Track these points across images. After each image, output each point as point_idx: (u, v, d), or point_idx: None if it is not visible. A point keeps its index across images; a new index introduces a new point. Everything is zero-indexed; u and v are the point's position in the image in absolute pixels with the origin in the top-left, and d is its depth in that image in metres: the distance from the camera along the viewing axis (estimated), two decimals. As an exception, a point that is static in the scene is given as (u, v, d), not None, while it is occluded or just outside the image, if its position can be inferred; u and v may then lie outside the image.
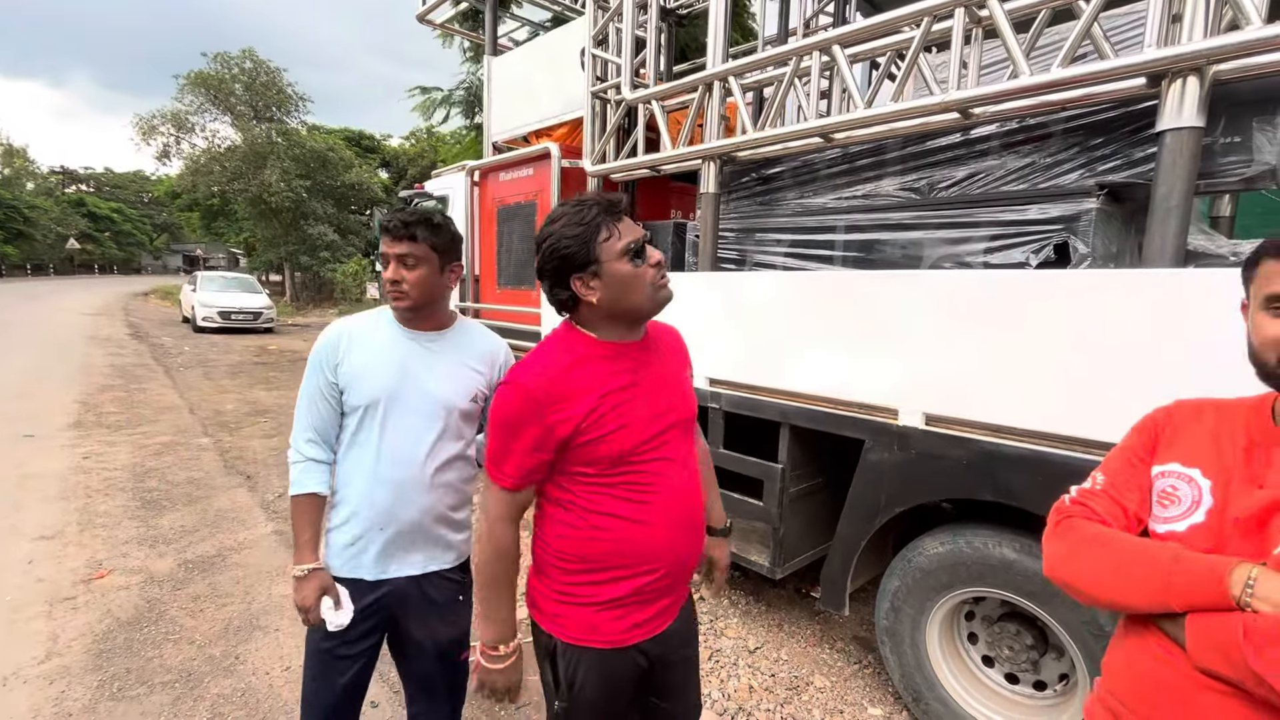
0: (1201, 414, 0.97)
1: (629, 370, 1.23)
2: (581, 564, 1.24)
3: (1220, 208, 3.16)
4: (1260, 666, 0.70)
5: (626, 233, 1.17)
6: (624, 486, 1.21)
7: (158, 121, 21.08)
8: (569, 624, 1.26)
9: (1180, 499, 0.90)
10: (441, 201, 5.35)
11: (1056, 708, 2.11)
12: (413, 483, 1.52)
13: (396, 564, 1.55)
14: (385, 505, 1.50)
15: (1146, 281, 1.73)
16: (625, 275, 1.17)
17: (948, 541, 2.20)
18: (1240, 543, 0.83)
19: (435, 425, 1.53)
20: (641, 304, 1.21)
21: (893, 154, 2.76)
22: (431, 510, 1.56)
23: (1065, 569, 0.93)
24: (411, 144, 29.73)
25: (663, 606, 1.30)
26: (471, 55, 15.54)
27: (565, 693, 1.28)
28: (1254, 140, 1.90)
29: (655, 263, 1.19)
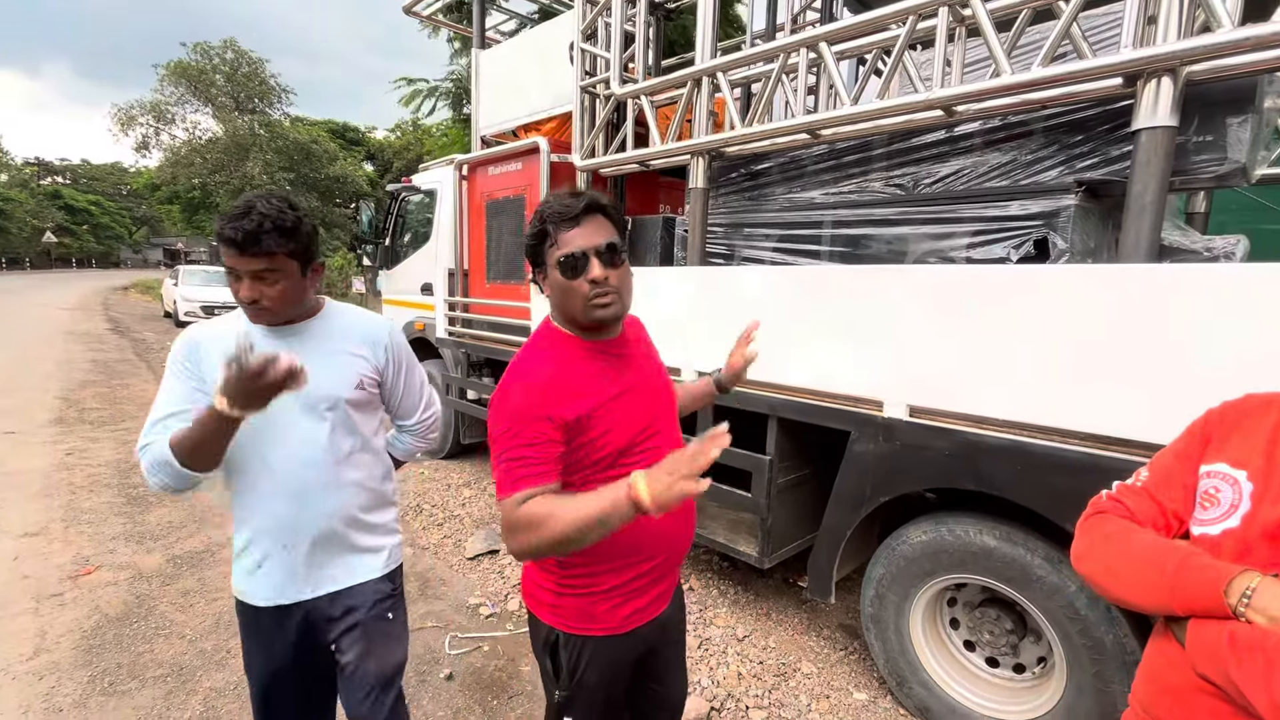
0: (1267, 410, 0.91)
1: (615, 371, 1.23)
2: (579, 556, 1.22)
3: (1195, 204, 3.24)
4: (1238, 676, 0.71)
5: (570, 242, 1.14)
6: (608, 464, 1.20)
7: (136, 112, 20.69)
8: (568, 614, 1.28)
9: (1220, 501, 0.86)
10: (429, 195, 5.33)
11: (1035, 689, 2.18)
12: (315, 488, 1.39)
13: (312, 583, 1.42)
14: (287, 519, 1.38)
15: (1122, 276, 1.78)
16: (560, 285, 1.17)
17: (930, 530, 2.26)
18: (1265, 551, 0.80)
19: (324, 422, 1.40)
20: (576, 316, 1.19)
21: (878, 150, 2.80)
22: (341, 514, 1.44)
23: (1085, 563, 0.93)
24: (397, 137, 29.41)
25: (658, 593, 1.33)
26: (459, 48, 15.40)
27: (567, 681, 1.30)
28: (1225, 139, 1.96)
29: (592, 279, 1.13)
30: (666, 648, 1.46)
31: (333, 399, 1.41)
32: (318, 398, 1.39)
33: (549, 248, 1.17)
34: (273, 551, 1.39)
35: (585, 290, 1.14)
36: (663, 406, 1.33)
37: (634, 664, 1.37)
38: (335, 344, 1.44)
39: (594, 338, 1.24)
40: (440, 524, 4.09)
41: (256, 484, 1.37)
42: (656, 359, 1.41)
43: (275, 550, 1.39)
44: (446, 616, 3.00)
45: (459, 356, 4.89)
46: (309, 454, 1.39)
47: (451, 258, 4.96)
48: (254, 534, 1.39)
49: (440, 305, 5.05)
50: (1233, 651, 0.72)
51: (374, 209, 6.18)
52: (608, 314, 1.17)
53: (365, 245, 6.39)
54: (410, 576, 3.38)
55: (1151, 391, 1.68)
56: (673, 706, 1.54)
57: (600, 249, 1.14)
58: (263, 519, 1.38)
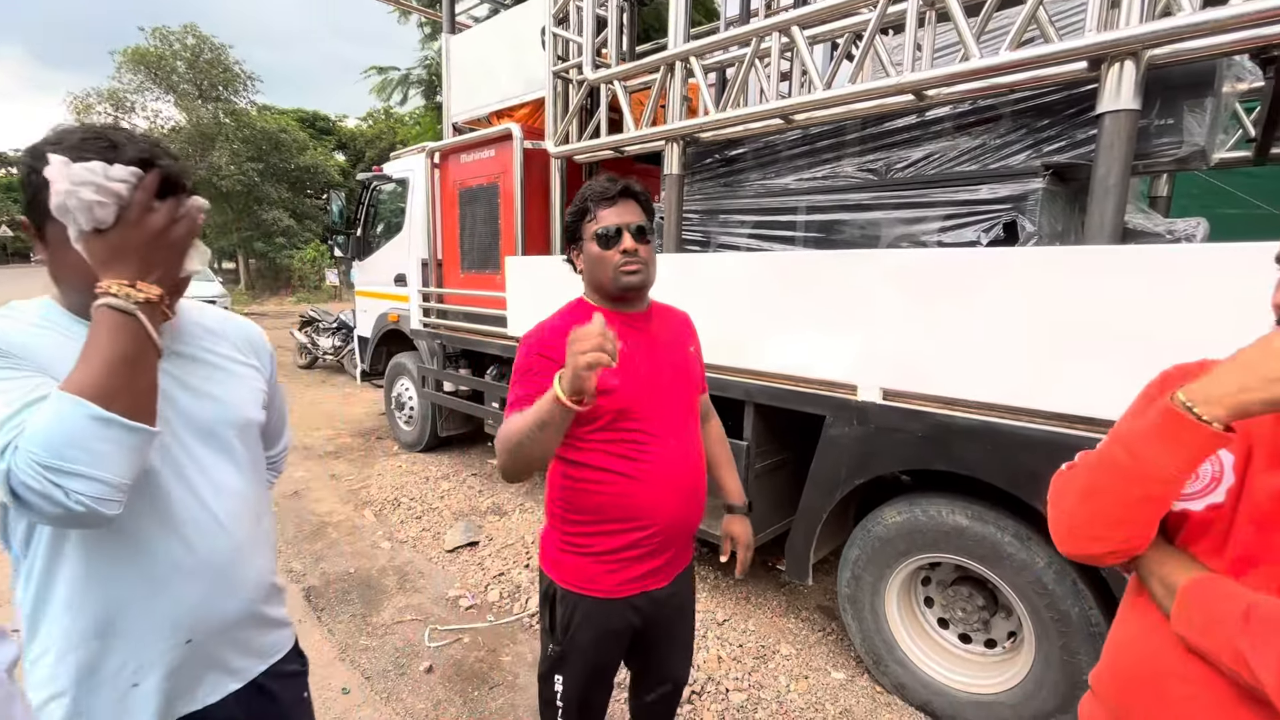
0: None
1: (627, 338, 1.32)
2: (580, 514, 1.37)
3: (1158, 188, 3.31)
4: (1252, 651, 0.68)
5: (607, 218, 1.32)
6: (621, 444, 1.32)
7: (93, 100, 19.93)
8: (568, 571, 1.40)
9: (1199, 474, 0.81)
10: (401, 184, 5.23)
11: (1005, 663, 2.24)
12: (239, 553, 0.99)
13: (208, 686, 1.00)
14: (190, 608, 0.94)
15: (1087, 258, 1.81)
16: (594, 255, 1.34)
17: (905, 511, 2.30)
18: (1248, 530, 0.77)
19: (233, 456, 1.01)
20: (605, 283, 1.35)
21: (851, 135, 2.81)
22: (262, 583, 1.06)
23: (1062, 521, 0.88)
24: (369, 125, 28.82)
25: (656, 565, 1.40)
26: (429, 33, 15.09)
27: (560, 636, 1.41)
28: (1185, 122, 2.00)
29: (623, 249, 1.31)
30: (669, 628, 1.52)
31: (241, 422, 1.03)
32: (221, 422, 0.99)
33: (587, 222, 1.35)
34: (158, 658, 0.92)
35: (616, 259, 1.31)
36: (671, 393, 1.39)
37: (629, 633, 1.44)
38: (220, 348, 1.05)
39: (619, 308, 1.38)
40: (418, 517, 4.06)
41: (144, 562, 0.90)
42: (684, 353, 1.48)
43: (165, 654, 0.93)
44: (426, 609, 2.98)
45: (434, 348, 4.83)
46: (230, 506, 0.99)
47: (425, 248, 4.88)
48: (129, 640, 0.90)
49: (414, 296, 4.97)
50: (1247, 625, 0.68)
51: (344, 199, 6.05)
52: (635, 280, 1.33)
53: (336, 236, 6.26)
54: (389, 570, 3.35)
55: (1116, 370, 1.72)
56: (668, 679, 1.61)
57: (632, 226, 1.33)
58: (148, 615, 0.91)
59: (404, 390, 5.46)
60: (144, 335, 0.79)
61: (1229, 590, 0.73)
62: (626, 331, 1.33)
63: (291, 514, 4.08)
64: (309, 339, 9.27)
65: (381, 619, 2.90)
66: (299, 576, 3.26)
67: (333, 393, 7.92)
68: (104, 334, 0.76)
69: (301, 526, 3.89)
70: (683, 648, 1.62)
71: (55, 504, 0.71)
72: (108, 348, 0.76)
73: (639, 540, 1.35)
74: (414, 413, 5.35)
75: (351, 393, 7.82)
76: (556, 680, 1.44)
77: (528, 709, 2.32)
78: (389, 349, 5.75)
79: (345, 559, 3.47)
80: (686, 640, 1.63)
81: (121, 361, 0.77)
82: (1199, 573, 0.77)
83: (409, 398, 5.39)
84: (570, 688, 1.44)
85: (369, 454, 5.42)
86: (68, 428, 0.72)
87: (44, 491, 0.71)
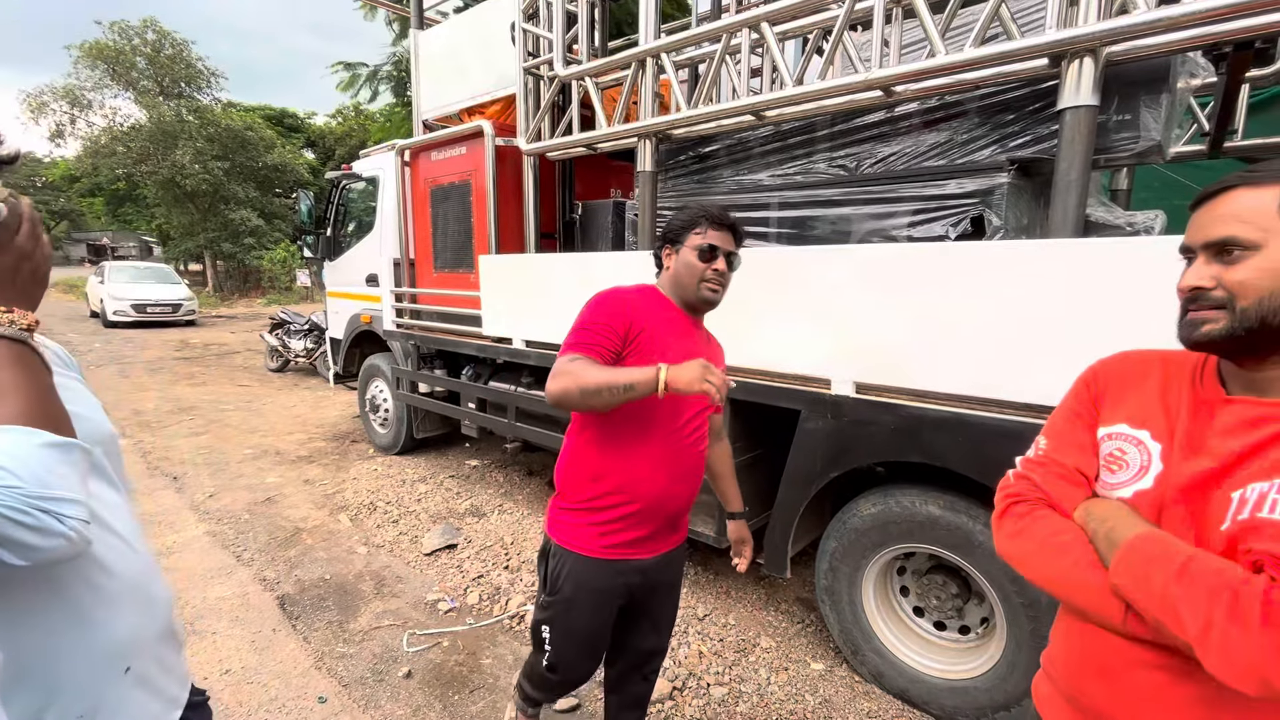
0: (1149, 367, 0.92)
1: (679, 329, 1.53)
2: (581, 476, 1.54)
3: (1119, 181, 3.40)
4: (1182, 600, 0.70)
5: (714, 238, 1.49)
6: (630, 419, 1.46)
7: (48, 98, 19.25)
8: (562, 529, 1.57)
9: (1128, 463, 0.87)
10: (371, 183, 5.14)
11: (978, 648, 2.29)
12: (149, 568, 0.95)
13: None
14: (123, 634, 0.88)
15: (1050, 251, 1.85)
16: (689, 261, 1.51)
17: (879, 503, 2.33)
18: (1178, 514, 0.81)
19: (109, 474, 0.93)
20: (688, 288, 1.53)
21: (822, 131, 2.83)
22: (168, 598, 1.00)
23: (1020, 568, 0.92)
24: (339, 122, 28.26)
25: (641, 535, 1.54)
26: (398, 29, 14.83)
27: (550, 587, 1.59)
28: (1142, 118, 2.05)
29: (716, 268, 1.49)
30: (655, 601, 1.68)
31: (107, 437, 0.95)
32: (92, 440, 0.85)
33: (695, 233, 1.50)
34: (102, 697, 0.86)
35: (707, 274, 1.49)
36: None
37: (614, 599, 1.58)
38: (57, 365, 0.91)
39: (684, 309, 1.56)
40: (395, 521, 4.00)
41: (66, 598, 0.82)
42: (716, 362, 1.63)
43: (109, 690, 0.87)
44: (404, 614, 2.94)
45: (408, 349, 4.76)
46: (127, 523, 0.92)
47: (397, 247, 4.81)
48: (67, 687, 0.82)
49: (387, 297, 4.89)
50: (1183, 575, 0.71)
51: (313, 198, 5.92)
52: (714, 297, 1.53)
53: (306, 236, 6.13)
54: (365, 576, 3.30)
55: (1078, 360, 1.75)
56: (650, 650, 1.77)
57: (730, 253, 1.52)
58: (82, 653, 0.83)
59: (378, 392, 5.38)
60: (40, 360, 0.77)
61: (1173, 545, 0.75)
62: (682, 327, 1.54)
63: (264, 521, 3.99)
64: (280, 342, 9.07)
65: (359, 625, 2.85)
66: (272, 585, 3.19)
67: (305, 396, 7.77)
68: (8, 366, 0.73)
69: (275, 534, 3.81)
70: (667, 624, 1.78)
71: (52, 534, 0.68)
72: (19, 376, 0.74)
73: (625, 511, 1.51)
74: (389, 415, 5.27)
75: (324, 396, 7.68)
76: (543, 630, 1.62)
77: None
78: (362, 350, 5.66)
79: (320, 565, 3.41)
80: (670, 617, 1.79)
81: (38, 388, 0.75)
82: (1148, 529, 0.79)
83: (383, 400, 5.31)
84: (557, 638, 1.60)
85: (343, 458, 5.33)
86: (38, 457, 0.69)
87: (38, 524, 0.67)
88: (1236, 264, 0.77)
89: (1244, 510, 0.74)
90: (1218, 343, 0.79)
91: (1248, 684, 0.65)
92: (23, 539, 0.66)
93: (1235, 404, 0.81)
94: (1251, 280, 0.75)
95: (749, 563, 1.86)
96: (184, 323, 14.91)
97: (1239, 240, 0.76)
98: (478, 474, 4.82)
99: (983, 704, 2.16)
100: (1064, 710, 0.93)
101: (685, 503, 1.61)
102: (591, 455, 1.53)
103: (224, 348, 11.77)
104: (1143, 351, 0.95)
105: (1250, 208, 0.76)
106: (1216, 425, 0.81)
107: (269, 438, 5.89)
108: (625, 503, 1.51)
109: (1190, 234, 0.83)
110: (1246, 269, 0.76)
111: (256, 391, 8.03)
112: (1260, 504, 0.73)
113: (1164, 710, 0.79)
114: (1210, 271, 0.79)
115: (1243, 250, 0.76)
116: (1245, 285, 0.75)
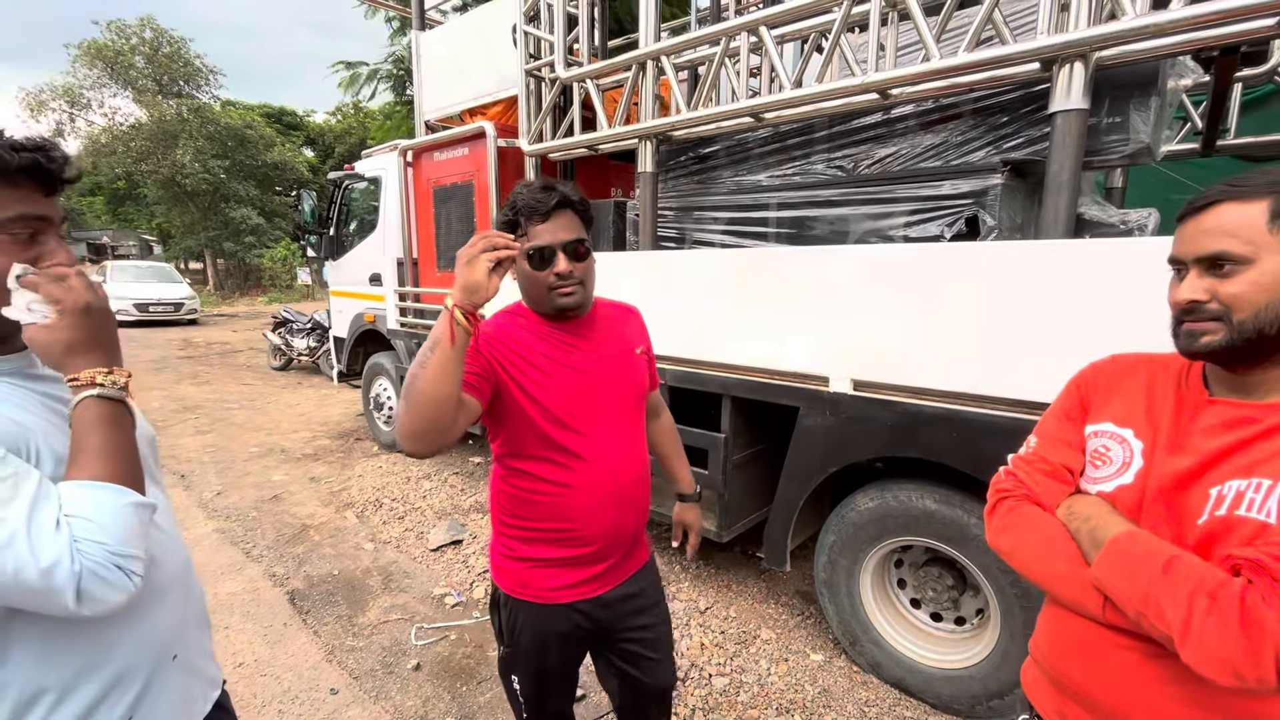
0: (1136, 370, 0.96)
1: (563, 348, 1.31)
2: (515, 520, 1.35)
3: (1113, 180, 3.45)
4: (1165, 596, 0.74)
5: (539, 236, 1.22)
6: (556, 454, 1.29)
7: (47, 96, 19.28)
8: (508, 577, 1.39)
9: (1112, 459, 0.91)
10: (374, 183, 5.18)
11: (974, 639, 2.34)
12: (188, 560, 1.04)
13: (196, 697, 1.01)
14: (170, 623, 0.95)
15: (1042, 250, 1.90)
16: (526, 274, 1.26)
17: (876, 497, 2.38)
18: (1157, 509, 0.84)
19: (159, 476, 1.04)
20: (539, 303, 1.30)
21: (820, 133, 2.87)
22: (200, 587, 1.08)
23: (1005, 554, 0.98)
24: (338, 120, 28.28)
25: (593, 573, 1.37)
26: (398, 28, 14.82)
27: (507, 639, 1.42)
28: (1131, 120, 2.09)
29: (557, 272, 1.23)
30: (632, 631, 1.47)
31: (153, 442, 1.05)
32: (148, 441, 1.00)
33: (519, 237, 1.23)
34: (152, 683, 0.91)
35: (551, 280, 1.23)
36: (611, 401, 1.36)
37: (578, 639, 1.42)
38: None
39: (556, 321, 1.32)
40: (401, 517, 4.06)
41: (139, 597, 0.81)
42: (629, 358, 1.42)
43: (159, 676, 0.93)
44: (412, 608, 3.00)
45: (412, 347, 4.81)
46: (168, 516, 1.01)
47: (400, 246, 4.86)
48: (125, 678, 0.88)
49: (390, 296, 4.95)
50: (1167, 573, 0.75)
51: (315, 198, 5.97)
52: (570, 302, 1.26)
53: (309, 235, 6.18)
54: (373, 571, 3.36)
55: (1070, 357, 1.80)
56: (659, 691, 1.57)
57: (568, 244, 1.23)
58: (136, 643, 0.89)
59: (382, 390, 5.43)
60: (131, 418, 0.84)
61: (1157, 545, 0.80)
62: (566, 343, 1.31)
63: (271, 518, 4.05)
64: (283, 340, 9.12)
65: (367, 619, 2.92)
66: (282, 580, 3.26)
67: (309, 394, 7.82)
68: (106, 425, 0.80)
69: (282, 530, 3.87)
70: (655, 648, 1.52)
71: (121, 590, 0.75)
72: (116, 436, 0.80)
73: (572, 548, 1.33)
74: (393, 413, 5.32)
75: (328, 394, 7.74)
76: (513, 680, 1.46)
77: (516, 701, 2.37)
78: (365, 349, 5.71)
79: (328, 561, 3.47)
80: (658, 641, 1.53)
81: (130, 448, 0.82)
82: (1129, 528, 0.84)
83: (387, 398, 5.36)
84: (526, 686, 1.45)
85: (348, 455, 5.39)
86: (124, 518, 0.76)
87: (116, 581, 0.74)
88: (1229, 278, 0.78)
89: (1221, 506, 0.78)
90: (1217, 353, 0.81)
91: (1222, 676, 0.71)
92: (97, 592, 0.73)
93: (1218, 404, 0.85)
94: (1246, 294, 0.77)
95: (695, 551, 1.69)
96: (186, 321, 14.98)
97: (1230, 255, 0.78)
98: (481, 470, 4.88)
99: (977, 692, 2.22)
100: (1049, 693, 0.98)
101: (637, 527, 1.43)
102: (520, 506, 1.33)
103: (226, 346, 11.83)
104: (1131, 355, 1.00)
105: (1239, 222, 0.78)
106: (1199, 424, 0.85)
107: (274, 436, 5.95)
108: (568, 545, 1.33)
109: (1180, 247, 0.84)
110: (1240, 283, 0.77)
111: (260, 390, 8.09)
112: (1238, 501, 0.77)
113: (1138, 687, 0.85)
114: (1204, 285, 0.80)
115: (1234, 264, 0.78)
116: (1240, 299, 0.77)
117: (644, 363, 1.48)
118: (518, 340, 1.28)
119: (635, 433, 1.42)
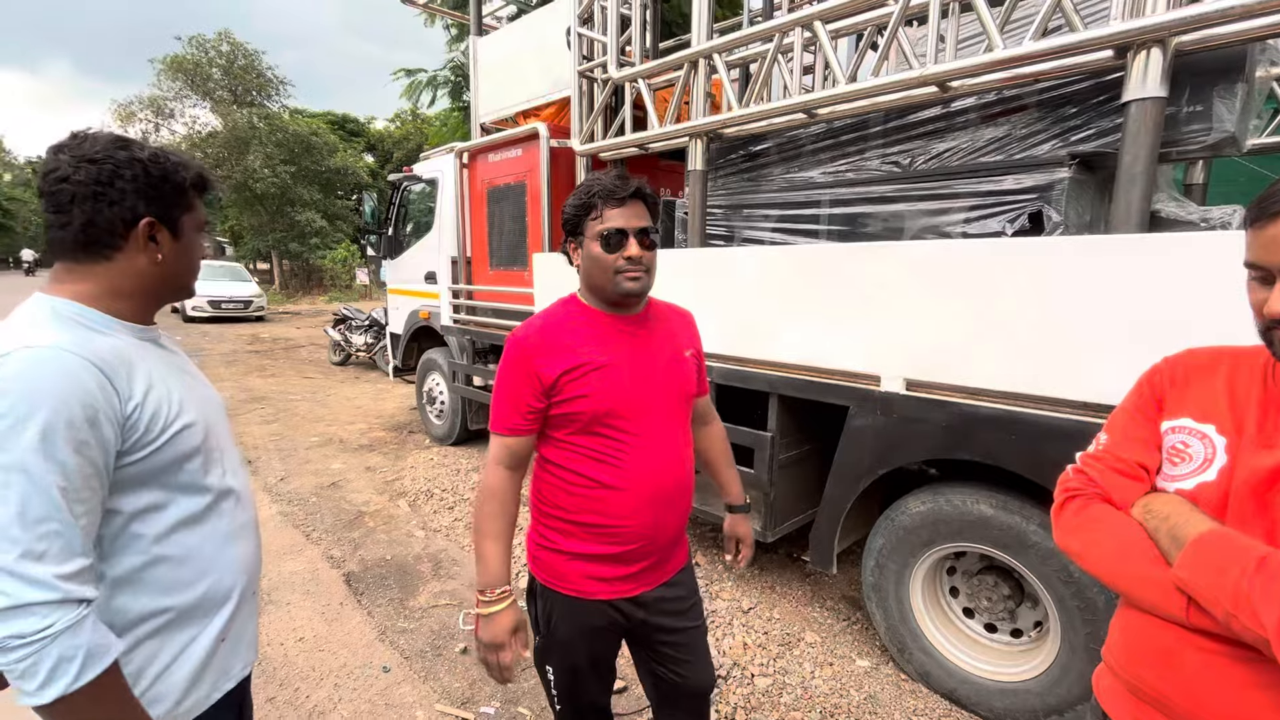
0: (1217, 364, 0.92)
1: (614, 341, 1.32)
2: (557, 511, 1.36)
3: (1193, 175, 3.24)
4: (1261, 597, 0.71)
5: (614, 219, 1.26)
6: (599, 450, 1.30)
7: (136, 108, 20.71)
8: (544, 568, 1.40)
9: (1192, 456, 0.87)
10: (431, 184, 5.36)
11: (1031, 652, 2.25)
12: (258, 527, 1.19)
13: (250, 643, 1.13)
14: (250, 558, 1.11)
15: (1112, 246, 1.81)
16: (594, 255, 1.28)
17: (928, 500, 2.31)
18: (1245, 507, 0.80)
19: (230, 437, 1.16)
20: (603, 286, 1.31)
21: (875, 128, 2.82)
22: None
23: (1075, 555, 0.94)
24: (397, 126, 29.33)
25: (632, 571, 1.37)
26: (455, 34, 15.28)
27: (543, 629, 1.43)
28: (1214, 109, 1.97)
29: (628, 255, 1.26)
30: (669, 632, 1.46)
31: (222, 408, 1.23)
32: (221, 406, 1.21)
33: (591, 219, 1.27)
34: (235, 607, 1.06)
35: (619, 264, 1.26)
36: (658, 399, 1.35)
37: (614, 634, 1.44)
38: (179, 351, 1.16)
39: (613, 311, 1.34)
40: (451, 507, 4.18)
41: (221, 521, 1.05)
42: (679, 358, 1.42)
43: (240, 601, 1.08)
44: (459, 595, 3.09)
45: (464, 343, 4.95)
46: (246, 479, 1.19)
47: (454, 245, 5.01)
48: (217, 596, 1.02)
49: (444, 293, 5.11)
50: (1260, 572, 0.71)
51: (376, 200, 6.22)
52: (635, 287, 1.29)
53: (369, 236, 6.44)
54: (424, 558, 3.47)
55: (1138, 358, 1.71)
56: (693, 692, 1.55)
57: (639, 230, 1.27)
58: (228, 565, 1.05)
59: (435, 385, 5.61)
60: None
61: (1245, 542, 0.76)
62: (617, 335, 1.33)
63: (330, 504, 4.24)
64: (342, 336, 9.53)
65: (418, 603, 3.02)
66: (339, 562, 3.40)
67: (366, 388, 8.14)
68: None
69: (340, 516, 4.04)
70: (690, 651, 1.50)
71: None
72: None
73: (609, 545, 1.33)
74: (444, 407, 5.49)
75: (384, 388, 8.04)
76: (547, 670, 1.46)
77: (559, 689, 2.40)
78: (420, 345, 5.91)
79: (382, 546, 3.61)
80: (693, 645, 1.51)
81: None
82: (1212, 526, 0.80)
83: (440, 392, 5.53)
84: (560, 678, 1.45)
85: (402, 447, 5.58)
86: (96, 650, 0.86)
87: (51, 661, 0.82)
88: None
89: None
90: None
91: None
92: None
93: None
94: None
95: (745, 561, 1.65)
96: (254, 318, 15.80)
97: None
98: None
99: (1035, 707, 2.13)
100: (1127, 700, 0.94)
101: (677, 529, 1.43)
102: (560, 496, 1.35)
103: (290, 342, 12.43)
104: (1209, 348, 0.95)
105: None
106: None
107: (333, 427, 6.22)
108: (606, 541, 1.33)
109: (1261, 252, 0.79)
110: None
111: (321, 383, 8.47)
112: None
113: (1224, 692, 0.80)
114: None
115: None
116: None
117: (693, 365, 1.47)
118: (569, 332, 1.31)
119: (680, 434, 1.41)
